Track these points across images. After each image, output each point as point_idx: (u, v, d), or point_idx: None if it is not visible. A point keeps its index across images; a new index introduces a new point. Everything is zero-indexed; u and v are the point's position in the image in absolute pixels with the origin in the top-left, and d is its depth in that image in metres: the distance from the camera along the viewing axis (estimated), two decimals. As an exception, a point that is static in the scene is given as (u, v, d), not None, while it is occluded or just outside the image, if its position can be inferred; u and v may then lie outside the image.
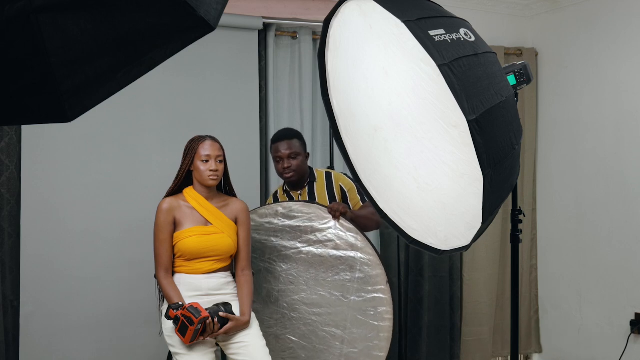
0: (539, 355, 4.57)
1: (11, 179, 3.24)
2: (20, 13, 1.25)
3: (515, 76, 2.63)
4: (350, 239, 2.89)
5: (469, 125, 1.61)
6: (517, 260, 2.86)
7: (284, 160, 3.08)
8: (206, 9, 1.21)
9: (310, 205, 2.96)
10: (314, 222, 2.94)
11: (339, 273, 2.89)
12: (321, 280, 2.93)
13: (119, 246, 3.45)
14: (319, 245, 2.93)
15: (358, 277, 2.87)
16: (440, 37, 1.67)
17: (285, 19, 3.87)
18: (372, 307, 2.84)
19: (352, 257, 2.87)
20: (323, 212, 2.93)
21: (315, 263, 2.93)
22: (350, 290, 2.87)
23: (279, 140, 3.12)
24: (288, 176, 3.09)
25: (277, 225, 2.99)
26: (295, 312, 2.95)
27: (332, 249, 2.90)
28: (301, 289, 2.94)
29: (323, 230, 2.92)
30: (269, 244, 3.01)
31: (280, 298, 2.98)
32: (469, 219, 1.83)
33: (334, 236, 2.90)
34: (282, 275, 2.98)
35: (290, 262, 2.96)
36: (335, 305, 2.89)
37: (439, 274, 4.18)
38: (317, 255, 2.93)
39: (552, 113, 4.42)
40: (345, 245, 2.89)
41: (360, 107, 2.11)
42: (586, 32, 4.14)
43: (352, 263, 2.87)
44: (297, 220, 2.96)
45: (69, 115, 1.41)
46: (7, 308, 3.22)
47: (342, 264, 2.89)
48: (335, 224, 2.90)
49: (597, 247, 4.09)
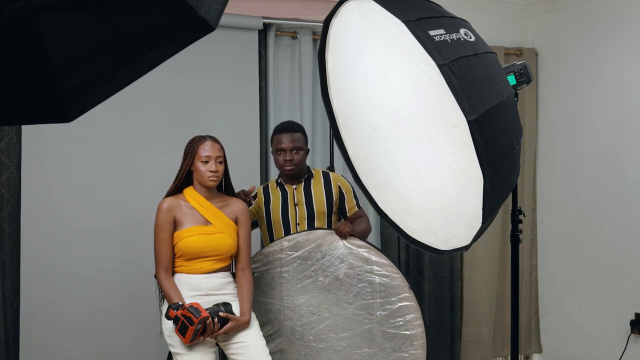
0: (539, 355, 4.57)
1: (11, 179, 3.24)
2: (20, 13, 1.25)
3: (515, 76, 2.63)
4: (364, 254, 2.85)
5: (469, 125, 1.61)
6: (517, 260, 2.86)
7: (286, 152, 3.04)
8: (206, 9, 1.21)
9: (314, 232, 2.93)
10: (322, 247, 2.89)
11: (359, 292, 2.84)
12: (343, 303, 2.87)
13: (119, 246, 3.45)
14: (333, 268, 2.87)
15: (380, 291, 2.82)
16: (440, 37, 1.67)
17: (285, 19, 3.87)
18: (400, 317, 2.79)
19: (369, 271, 2.83)
20: (328, 234, 2.89)
21: (334, 288, 2.87)
22: (375, 306, 2.82)
23: (282, 132, 3.08)
24: (289, 169, 3.05)
25: (285, 260, 2.94)
26: (324, 343, 2.88)
27: (347, 269, 2.86)
28: (325, 317, 2.88)
29: (333, 253, 2.88)
30: (282, 281, 2.94)
31: (305, 332, 2.90)
32: (469, 219, 1.83)
33: (346, 255, 2.86)
34: (302, 308, 2.91)
35: (308, 293, 2.90)
36: (363, 324, 2.83)
37: (439, 274, 4.18)
38: (333, 279, 2.87)
39: (552, 113, 4.42)
40: (360, 262, 2.85)
41: (360, 107, 2.11)
42: (586, 32, 4.14)
43: (370, 278, 2.83)
44: (305, 250, 2.91)
45: (69, 115, 1.41)
46: (7, 308, 3.22)
47: (360, 281, 2.84)
48: (344, 244, 2.87)
49: (597, 247, 4.09)
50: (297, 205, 3.07)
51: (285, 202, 3.08)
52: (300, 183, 3.11)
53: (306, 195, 3.07)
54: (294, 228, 3.05)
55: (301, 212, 3.06)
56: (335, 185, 3.12)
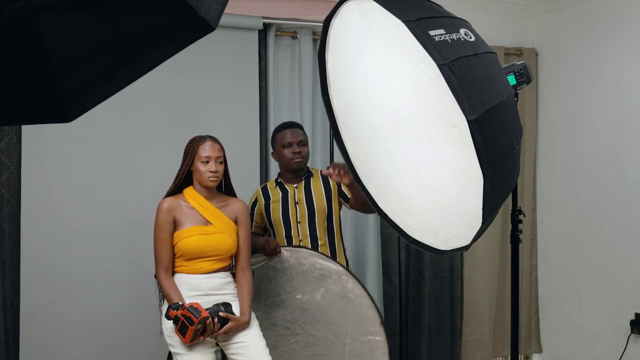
0: (539, 355, 4.57)
1: (11, 179, 3.24)
2: (20, 13, 1.25)
3: (515, 76, 2.63)
4: (342, 281, 2.89)
5: (469, 125, 1.61)
6: (517, 260, 2.86)
7: (294, 145, 3.07)
8: (206, 9, 1.21)
9: (299, 250, 2.97)
10: (303, 266, 2.95)
11: (332, 317, 2.90)
12: (316, 324, 2.92)
13: (119, 246, 3.45)
14: (310, 288, 2.93)
15: (352, 320, 2.87)
16: (440, 37, 1.67)
17: (285, 19, 3.87)
18: (367, 350, 2.83)
19: (345, 298, 2.88)
20: (311, 255, 2.94)
21: (310, 307, 2.93)
22: (345, 333, 2.88)
23: (287, 128, 3.13)
24: (298, 161, 3.07)
25: (269, 271, 2.99)
26: (294, 358, 2.94)
27: (325, 292, 2.91)
28: (297, 332, 2.93)
29: (314, 274, 2.92)
30: (263, 291, 2.99)
31: (279, 344, 2.95)
32: (469, 219, 1.83)
33: (325, 279, 2.91)
34: (279, 321, 2.96)
35: (285, 308, 2.94)
36: (332, 348, 2.88)
37: (439, 274, 4.19)
38: (310, 299, 2.93)
39: (552, 113, 4.42)
40: (337, 288, 2.90)
41: (361, 107, 2.11)
42: (586, 32, 4.14)
43: (344, 306, 2.87)
44: (288, 265, 2.96)
45: (69, 115, 1.41)
46: (7, 308, 3.22)
47: (334, 307, 2.89)
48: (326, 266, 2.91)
49: (597, 247, 4.09)
50: (298, 204, 3.07)
51: (285, 201, 3.09)
52: (300, 181, 3.11)
53: (306, 194, 3.07)
54: (295, 227, 3.06)
55: (302, 210, 3.06)
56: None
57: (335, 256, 3.08)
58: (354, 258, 3.99)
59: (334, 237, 3.12)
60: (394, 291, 4.05)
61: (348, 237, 3.98)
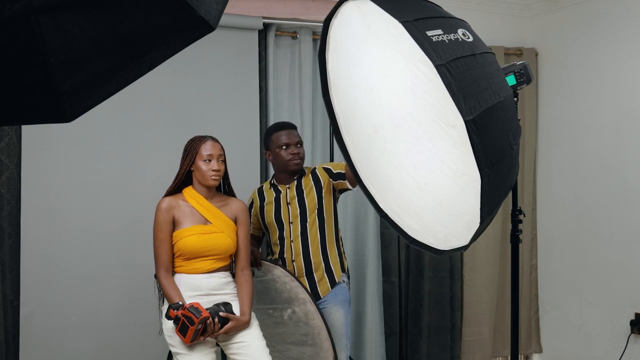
0: (539, 355, 4.57)
1: (11, 179, 3.25)
2: (20, 13, 1.26)
3: (515, 76, 2.64)
4: (306, 306, 2.91)
5: (466, 125, 1.61)
6: (517, 260, 2.86)
7: (292, 146, 3.04)
8: (206, 9, 1.21)
9: (275, 267, 2.99)
10: (277, 283, 2.98)
11: (297, 339, 2.93)
12: (283, 343, 2.96)
13: (119, 246, 3.45)
14: (281, 306, 2.95)
15: (311, 345, 2.90)
16: (438, 38, 1.67)
17: (285, 19, 3.87)
18: None
19: (306, 324, 2.92)
20: (285, 274, 2.96)
21: (280, 325, 2.96)
22: (305, 358, 2.91)
23: (282, 129, 3.09)
24: (296, 162, 3.04)
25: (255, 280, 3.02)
26: None
27: (291, 314, 2.94)
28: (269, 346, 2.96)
29: (283, 296, 2.96)
30: None
31: None
32: (468, 218, 1.83)
33: (293, 301, 2.94)
34: None
35: (262, 321, 2.94)
36: None
37: (439, 274, 4.19)
38: (280, 317, 2.96)
39: (552, 113, 4.42)
40: (301, 313, 2.93)
41: (361, 107, 2.11)
42: (586, 32, 4.15)
43: (305, 331, 2.90)
44: (267, 279, 2.99)
45: (69, 115, 1.42)
46: (7, 308, 3.23)
47: (298, 330, 2.92)
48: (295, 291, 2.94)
49: (597, 247, 4.10)
50: (290, 204, 3.06)
51: (278, 202, 3.09)
52: (293, 182, 3.10)
53: (298, 193, 3.06)
54: (287, 227, 3.05)
55: (293, 209, 3.05)
56: (320, 170, 3.10)
57: (327, 255, 3.05)
58: (354, 258, 3.99)
59: (325, 236, 3.06)
60: (393, 291, 4.06)
61: (348, 237, 3.98)
